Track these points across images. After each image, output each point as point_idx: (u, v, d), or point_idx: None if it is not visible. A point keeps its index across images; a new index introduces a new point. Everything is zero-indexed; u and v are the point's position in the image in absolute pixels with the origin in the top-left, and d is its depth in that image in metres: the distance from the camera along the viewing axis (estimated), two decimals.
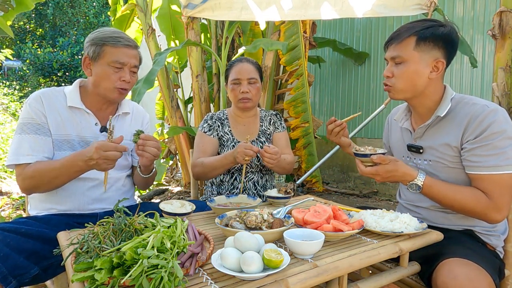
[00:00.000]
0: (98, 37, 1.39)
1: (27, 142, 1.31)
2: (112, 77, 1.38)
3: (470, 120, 1.19)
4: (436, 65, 1.23)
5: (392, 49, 1.26)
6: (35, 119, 1.34)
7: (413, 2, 2.53)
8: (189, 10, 3.06)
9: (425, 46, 1.21)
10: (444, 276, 1.02)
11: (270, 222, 1.06)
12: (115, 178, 1.50)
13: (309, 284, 0.84)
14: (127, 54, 1.40)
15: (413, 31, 1.22)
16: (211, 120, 1.84)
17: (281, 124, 1.92)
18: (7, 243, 1.13)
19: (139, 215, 0.95)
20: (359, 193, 4.48)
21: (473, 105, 1.21)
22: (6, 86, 9.99)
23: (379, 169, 1.19)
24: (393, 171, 1.19)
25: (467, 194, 1.17)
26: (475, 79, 3.58)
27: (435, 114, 1.27)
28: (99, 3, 13.81)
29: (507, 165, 1.14)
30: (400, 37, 1.23)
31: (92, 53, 1.38)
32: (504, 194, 1.15)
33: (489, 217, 1.16)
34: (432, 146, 1.30)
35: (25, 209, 1.64)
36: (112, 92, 1.40)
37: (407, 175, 1.20)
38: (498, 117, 1.15)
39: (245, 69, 1.76)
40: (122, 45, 1.39)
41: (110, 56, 1.37)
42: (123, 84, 1.40)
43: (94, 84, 1.41)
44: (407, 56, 1.22)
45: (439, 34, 1.20)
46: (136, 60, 1.44)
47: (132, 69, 1.43)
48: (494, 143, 1.14)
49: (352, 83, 4.79)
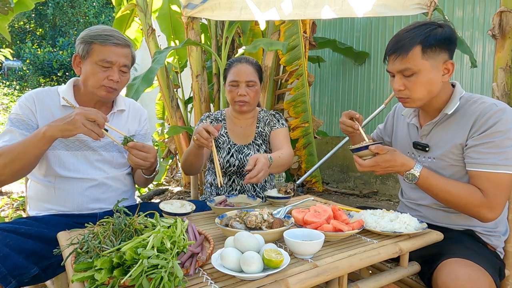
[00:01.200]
0: (87, 35, 1.37)
1: (8, 134, 1.31)
2: (99, 76, 1.36)
3: (478, 118, 1.19)
4: (446, 67, 1.21)
5: (398, 62, 1.21)
6: (21, 116, 1.34)
7: (413, 1, 2.53)
8: (189, 10, 3.06)
9: (432, 52, 1.18)
10: (445, 276, 1.02)
11: (270, 222, 1.06)
12: (115, 178, 1.49)
13: (309, 284, 0.84)
14: (116, 52, 1.37)
15: (416, 40, 1.17)
16: (208, 119, 1.80)
17: (278, 122, 1.83)
18: (7, 243, 1.12)
19: (139, 215, 0.95)
20: (359, 193, 4.48)
21: (482, 103, 1.20)
22: (6, 86, 10.00)
23: (378, 159, 1.18)
24: (392, 160, 1.18)
25: (462, 189, 1.18)
26: (475, 79, 3.58)
27: (442, 111, 1.27)
28: (99, 3, 13.80)
29: (505, 165, 1.13)
30: (405, 49, 1.18)
31: (81, 51, 1.37)
32: (499, 193, 1.14)
33: (481, 214, 1.16)
34: (438, 144, 1.30)
35: (25, 209, 1.64)
36: (99, 90, 1.38)
37: (405, 165, 1.19)
38: (505, 116, 1.15)
39: (244, 71, 1.71)
40: (111, 43, 1.36)
41: (98, 54, 1.35)
42: (110, 83, 1.38)
43: (83, 83, 1.40)
44: (418, 67, 1.18)
45: (441, 37, 1.18)
46: (127, 59, 1.41)
47: (122, 68, 1.40)
48: (496, 141, 1.14)
49: (352, 83, 4.79)
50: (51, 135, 1.20)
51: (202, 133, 1.33)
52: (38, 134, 1.21)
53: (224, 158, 1.75)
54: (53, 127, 1.19)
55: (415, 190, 1.40)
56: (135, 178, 1.60)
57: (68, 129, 1.18)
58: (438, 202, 1.29)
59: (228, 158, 1.75)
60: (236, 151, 1.77)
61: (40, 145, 1.22)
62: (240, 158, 1.75)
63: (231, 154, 1.76)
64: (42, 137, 1.20)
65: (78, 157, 1.40)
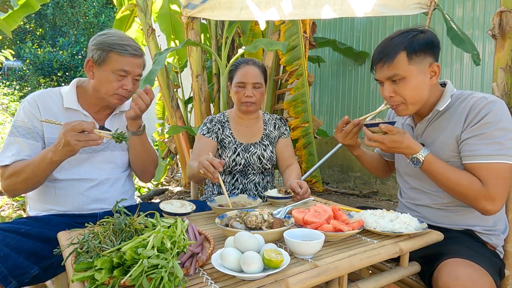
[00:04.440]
0: (105, 41, 1.35)
1: (15, 145, 1.32)
2: (114, 84, 1.37)
3: (469, 111, 1.21)
4: (432, 70, 1.24)
5: (385, 69, 1.24)
6: (27, 123, 1.34)
7: (413, 1, 2.53)
8: (189, 10, 3.06)
9: (417, 57, 1.21)
10: (446, 276, 1.02)
11: (270, 222, 1.06)
12: (115, 178, 1.50)
13: (309, 284, 0.84)
14: (132, 63, 1.38)
15: (400, 47, 1.21)
16: (211, 123, 1.83)
17: (286, 130, 1.92)
18: (7, 243, 1.13)
19: (139, 215, 0.95)
20: (359, 193, 4.49)
21: (472, 98, 1.23)
22: (6, 86, 9.99)
23: (385, 137, 1.21)
24: (399, 141, 1.21)
25: (463, 176, 1.19)
26: (475, 79, 3.58)
27: (435, 108, 1.29)
28: (99, 3, 13.79)
29: (502, 155, 1.14)
30: (390, 56, 1.22)
31: (97, 57, 1.36)
32: (499, 184, 1.15)
33: (480, 204, 1.17)
34: (433, 142, 1.31)
35: (25, 209, 1.64)
36: (112, 98, 1.39)
37: (411, 148, 1.22)
38: (495, 108, 1.17)
39: (251, 73, 1.74)
40: (129, 54, 1.36)
41: (116, 64, 1.35)
42: (124, 92, 1.39)
43: (95, 88, 1.40)
44: (405, 72, 1.21)
45: (424, 42, 1.21)
46: (141, 69, 1.44)
47: (136, 77, 1.42)
48: (488, 132, 1.16)
49: (352, 83, 4.79)
50: (58, 160, 1.24)
51: (209, 168, 1.31)
52: (45, 159, 1.23)
53: (230, 157, 1.77)
54: (57, 153, 1.21)
55: (414, 190, 1.41)
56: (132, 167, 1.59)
57: (68, 152, 1.21)
58: (437, 202, 1.31)
59: (234, 157, 1.77)
60: (243, 150, 1.79)
61: (49, 168, 1.27)
62: (246, 157, 1.77)
63: (237, 153, 1.78)
64: (49, 162, 1.23)
65: (78, 158, 1.40)
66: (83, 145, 1.20)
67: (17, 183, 1.28)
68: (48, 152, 1.22)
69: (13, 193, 1.34)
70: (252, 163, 1.78)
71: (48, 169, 1.27)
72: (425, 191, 1.36)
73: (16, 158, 1.30)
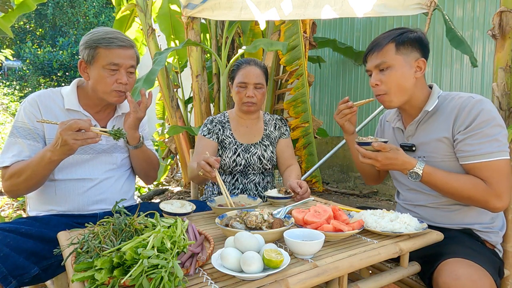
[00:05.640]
0: (91, 39, 1.35)
1: (15, 146, 1.32)
2: (108, 80, 1.35)
3: (459, 111, 1.23)
4: (418, 65, 1.29)
5: (374, 57, 1.32)
6: (27, 124, 1.33)
7: (413, 1, 2.53)
8: (189, 10, 3.06)
9: (404, 49, 1.28)
10: (446, 276, 1.02)
11: (270, 222, 1.06)
12: (115, 178, 1.50)
13: (309, 284, 0.84)
14: (121, 55, 1.36)
15: (390, 38, 1.29)
16: (211, 124, 1.83)
17: (287, 130, 1.92)
18: (7, 243, 1.13)
19: (139, 215, 0.95)
20: (359, 193, 4.48)
21: (459, 98, 1.26)
22: (6, 86, 9.99)
23: (379, 155, 1.22)
24: (393, 158, 1.21)
25: (466, 181, 1.19)
26: (475, 79, 3.58)
27: (423, 109, 1.31)
28: (99, 3, 13.79)
29: (501, 151, 1.16)
30: (380, 45, 1.30)
31: (86, 56, 1.35)
32: (502, 180, 1.16)
33: (490, 204, 1.17)
34: (424, 142, 1.33)
35: (25, 209, 1.64)
36: (110, 95, 1.38)
37: (407, 163, 1.22)
38: (485, 106, 1.19)
39: (253, 74, 1.74)
40: (116, 46, 1.34)
41: (105, 58, 1.34)
42: (120, 86, 1.38)
43: (93, 88, 1.39)
44: (392, 61, 1.28)
45: (413, 38, 1.28)
46: (133, 60, 1.41)
47: (129, 69, 1.39)
48: (484, 130, 1.17)
49: (352, 83, 4.79)
50: (57, 159, 1.23)
51: (205, 167, 1.34)
52: (44, 158, 1.22)
53: (230, 158, 1.77)
54: (56, 152, 1.20)
55: (411, 191, 1.41)
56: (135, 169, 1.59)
57: (66, 151, 1.20)
58: (435, 201, 1.32)
59: (234, 157, 1.77)
60: (243, 150, 1.79)
61: (49, 167, 1.26)
62: (247, 158, 1.77)
63: (237, 153, 1.78)
64: (48, 161, 1.22)
65: (79, 159, 1.40)
66: (81, 144, 1.18)
67: (18, 184, 1.28)
68: (46, 151, 1.22)
69: (15, 194, 1.34)
70: (252, 163, 1.78)
71: (47, 169, 1.26)
72: (422, 191, 1.36)
73: (17, 159, 1.30)
